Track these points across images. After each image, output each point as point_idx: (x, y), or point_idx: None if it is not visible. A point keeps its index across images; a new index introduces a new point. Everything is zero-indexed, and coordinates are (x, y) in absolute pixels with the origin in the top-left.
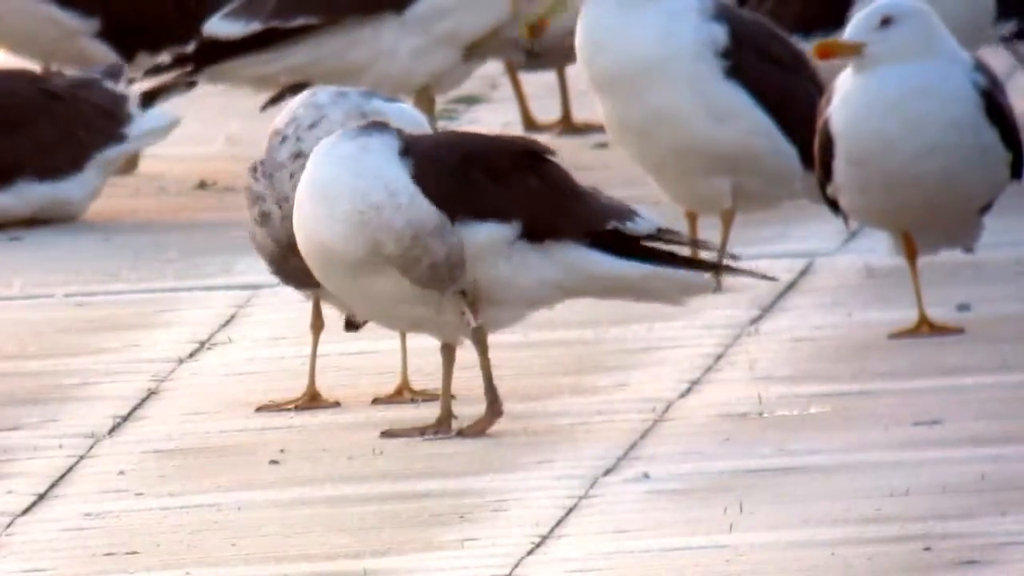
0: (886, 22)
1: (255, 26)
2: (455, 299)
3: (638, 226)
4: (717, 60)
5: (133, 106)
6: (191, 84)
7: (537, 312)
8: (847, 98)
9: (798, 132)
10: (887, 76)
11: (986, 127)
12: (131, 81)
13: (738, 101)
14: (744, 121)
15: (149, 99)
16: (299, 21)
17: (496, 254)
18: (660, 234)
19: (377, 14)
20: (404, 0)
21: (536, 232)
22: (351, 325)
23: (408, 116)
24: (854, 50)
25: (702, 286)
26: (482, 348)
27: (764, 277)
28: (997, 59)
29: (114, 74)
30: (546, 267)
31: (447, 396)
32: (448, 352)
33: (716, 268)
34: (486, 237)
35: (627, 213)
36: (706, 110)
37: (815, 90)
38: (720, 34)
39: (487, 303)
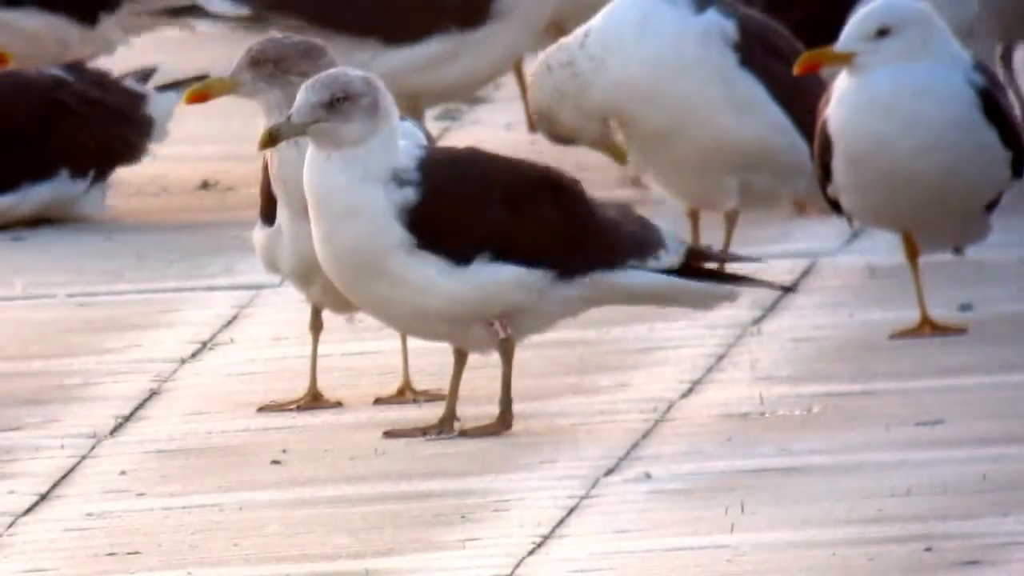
0: (883, 33)
1: (244, 11)
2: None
3: (660, 262)
4: (730, 51)
5: (149, 105)
6: (201, 77)
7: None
8: (844, 98)
9: (808, 127)
10: (883, 76)
11: (984, 126)
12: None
13: (755, 92)
14: (762, 115)
15: (162, 91)
16: (290, 21)
17: (521, 292)
18: (688, 260)
19: (362, 38)
20: (397, 36)
21: (557, 269)
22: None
23: (412, 135)
24: (844, 60)
25: (726, 297)
26: (507, 359)
27: (773, 287)
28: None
29: (144, 76)
30: (571, 289)
31: (453, 397)
32: (460, 353)
33: (727, 276)
34: (510, 279)
35: (651, 246)
36: (728, 102)
37: (821, 88)
38: (728, 26)
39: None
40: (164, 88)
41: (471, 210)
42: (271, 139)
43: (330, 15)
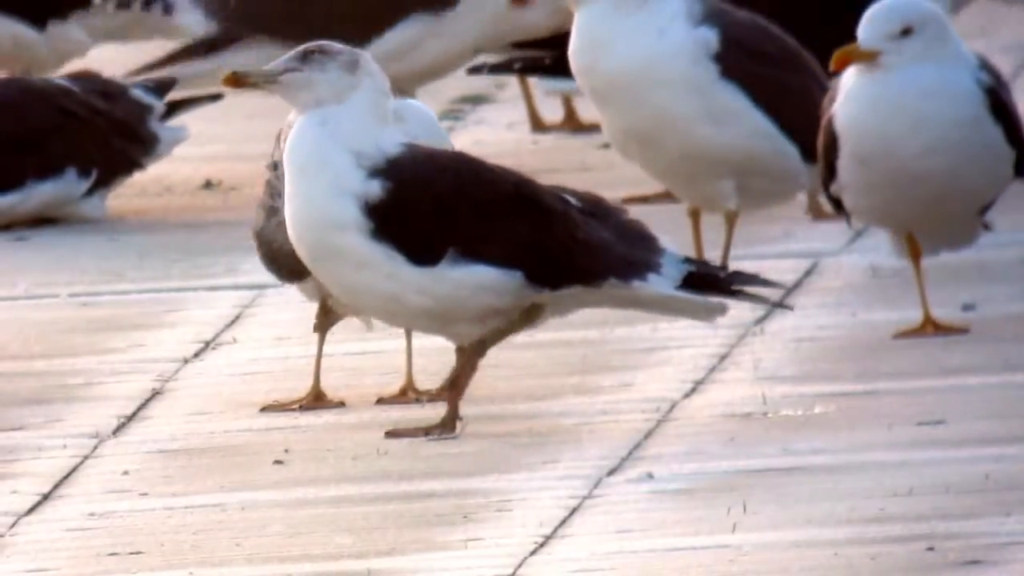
0: (906, 32)
1: (213, 29)
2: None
3: (647, 283)
4: (711, 63)
5: (155, 119)
6: (216, 96)
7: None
8: (851, 97)
9: (798, 131)
10: (892, 75)
11: (990, 125)
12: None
13: (736, 103)
14: (744, 124)
15: (172, 109)
16: (262, 36)
17: (494, 295)
18: (686, 280)
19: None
20: (369, 32)
21: (530, 279)
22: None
23: (418, 113)
24: (870, 58)
25: (718, 310)
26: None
27: (779, 306)
28: (1004, 61)
29: (161, 88)
30: (551, 294)
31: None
32: (461, 352)
33: (726, 290)
34: (482, 281)
35: (638, 269)
36: (706, 114)
37: (815, 87)
38: (711, 37)
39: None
40: (177, 106)
41: (433, 217)
42: (237, 80)
43: (300, 28)
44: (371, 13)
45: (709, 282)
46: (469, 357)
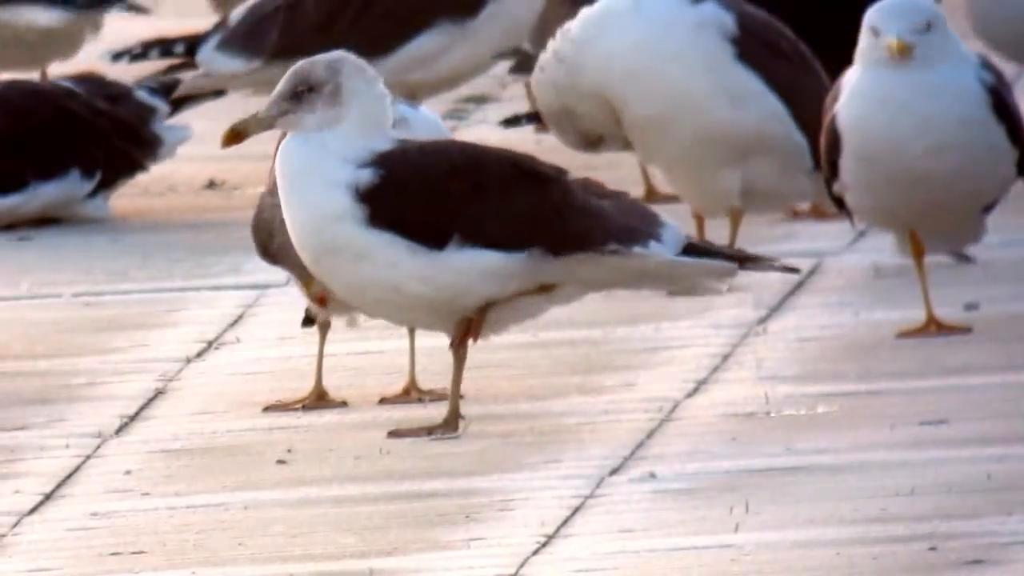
0: (929, 27)
1: (256, 64)
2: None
3: (648, 250)
4: (727, 43)
5: (160, 120)
6: (219, 93)
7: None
8: (855, 95)
9: (808, 127)
10: (895, 74)
11: (994, 125)
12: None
13: (752, 84)
14: (759, 105)
15: (176, 105)
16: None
17: (497, 282)
18: (688, 249)
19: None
20: (396, 42)
21: (532, 252)
22: (309, 320)
23: (423, 119)
24: (905, 51)
25: (728, 272)
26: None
27: (786, 269)
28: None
29: (166, 88)
30: (552, 268)
31: (456, 396)
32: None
33: (740, 260)
34: (486, 267)
35: (639, 236)
36: (723, 92)
37: (822, 88)
38: (727, 19)
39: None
40: (180, 103)
41: (428, 198)
42: (236, 135)
43: (332, 48)
44: (394, 24)
45: (712, 252)
46: (480, 312)
